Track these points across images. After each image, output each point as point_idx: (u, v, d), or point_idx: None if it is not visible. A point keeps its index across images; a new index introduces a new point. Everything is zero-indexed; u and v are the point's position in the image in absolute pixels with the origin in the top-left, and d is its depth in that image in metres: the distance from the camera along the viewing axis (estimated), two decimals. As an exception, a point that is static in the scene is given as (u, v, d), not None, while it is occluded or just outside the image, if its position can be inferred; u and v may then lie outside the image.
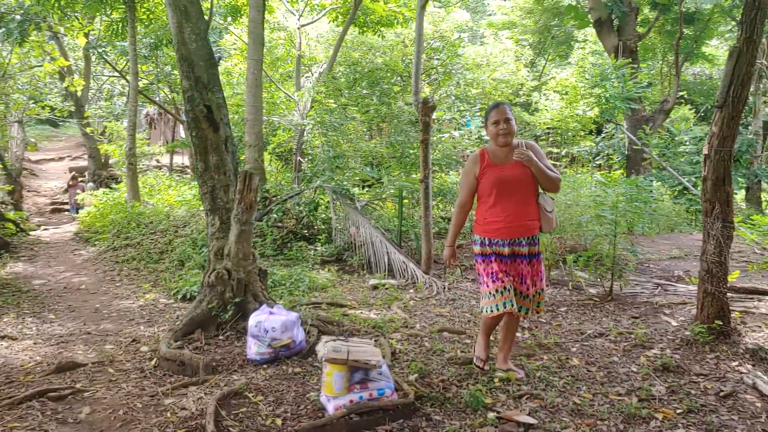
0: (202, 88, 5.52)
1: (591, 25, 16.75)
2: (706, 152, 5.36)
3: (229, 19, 16.11)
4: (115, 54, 18.51)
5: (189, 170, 21.56)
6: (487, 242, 4.40)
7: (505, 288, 4.34)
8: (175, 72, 17.02)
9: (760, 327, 5.67)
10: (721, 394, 4.42)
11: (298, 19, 15.92)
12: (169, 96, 19.48)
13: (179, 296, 7.13)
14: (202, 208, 11.39)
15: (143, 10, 13.95)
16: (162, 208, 11.89)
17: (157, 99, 19.70)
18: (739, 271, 6.59)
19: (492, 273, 4.38)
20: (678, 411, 4.14)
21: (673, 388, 4.52)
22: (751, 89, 16.32)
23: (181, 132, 23.85)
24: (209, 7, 7.52)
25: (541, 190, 4.48)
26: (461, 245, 10.49)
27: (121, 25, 13.95)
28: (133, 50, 13.34)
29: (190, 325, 5.31)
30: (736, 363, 4.96)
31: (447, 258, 4.70)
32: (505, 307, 4.32)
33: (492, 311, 4.38)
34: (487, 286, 4.41)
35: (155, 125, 27.29)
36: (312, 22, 16.92)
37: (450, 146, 13.86)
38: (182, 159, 24.79)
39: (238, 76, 17.33)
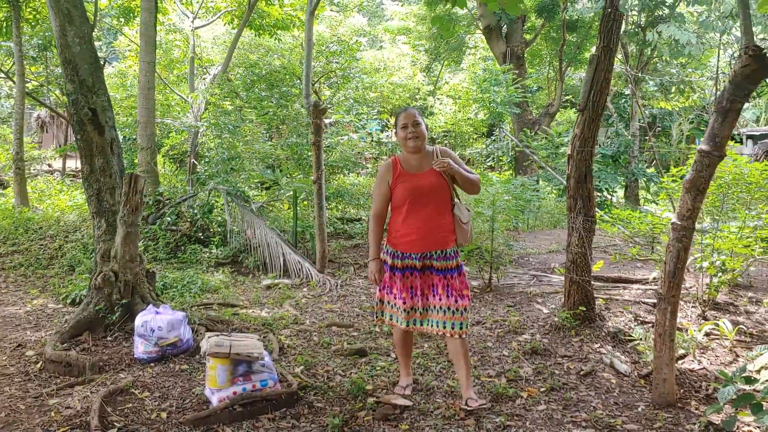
0: (87, 91, 5.53)
1: (481, 31, 17.44)
2: (570, 152, 5.82)
3: (122, 20, 15.79)
4: (0, 54, 17.76)
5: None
6: (399, 255, 4.16)
7: (395, 305, 4.21)
8: (65, 73, 16.47)
9: (621, 312, 6.20)
10: (582, 372, 4.86)
11: (192, 22, 15.79)
12: (61, 99, 18.84)
13: (68, 301, 7.04)
14: (93, 212, 11.21)
15: (29, 9, 13.48)
16: (53, 213, 11.57)
17: (48, 101, 19.00)
18: (602, 262, 7.15)
19: (388, 286, 4.24)
20: (542, 389, 4.54)
21: (539, 369, 4.93)
22: (627, 92, 17.44)
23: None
24: (94, 10, 7.46)
25: (457, 200, 4.27)
26: (358, 245, 10.76)
27: (5, 24, 13.43)
28: (18, 51, 12.86)
29: (77, 327, 5.32)
30: (598, 345, 5.43)
31: (372, 273, 4.30)
32: (392, 320, 4.26)
33: (380, 316, 4.35)
34: (380, 291, 4.29)
35: (47, 129, 26.24)
36: (206, 25, 16.81)
37: (348, 148, 14.13)
38: (75, 163, 23.96)
39: (131, 78, 17.00)
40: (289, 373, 4.63)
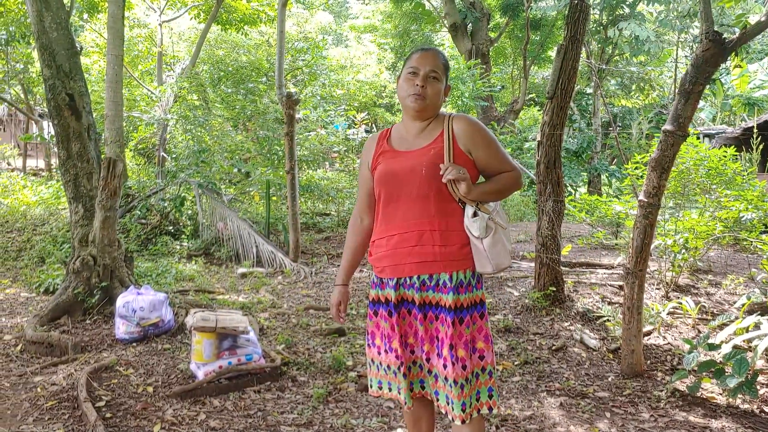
0: (64, 76, 5.55)
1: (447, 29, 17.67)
2: (539, 139, 6.01)
3: (86, 15, 15.65)
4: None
5: (44, 171, 20.60)
6: (378, 282, 2.63)
7: (389, 366, 2.59)
8: (29, 67, 16.24)
9: (589, 293, 6.42)
10: (553, 348, 5.07)
11: (160, 16, 15.73)
12: (21, 95, 18.53)
13: (41, 289, 7.00)
14: (60, 207, 11.11)
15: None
16: (18, 207, 11.44)
17: (9, 97, 18.66)
18: (571, 245, 7.37)
19: (371, 333, 2.67)
20: (516, 363, 4.72)
21: (512, 345, 5.11)
22: (590, 90, 17.81)
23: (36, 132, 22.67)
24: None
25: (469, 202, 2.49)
26: (329, 237, 10.85)
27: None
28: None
29: (56, 310, 5.33)
30: (568, 323, 5.64)
31: (333, 304, 2.80)
32: (390, 391, 2.60)
33: (372, 387, 2.69)
34: (368, 348, 2.70)
35: (5, 127, 25.83)
36: (173, 19, 16.75)
37: (317, 143, 14.23)
38: (36, 162, 23.58)
39: (96, 73, 16.84)
40: (272, 350, 4.73)
